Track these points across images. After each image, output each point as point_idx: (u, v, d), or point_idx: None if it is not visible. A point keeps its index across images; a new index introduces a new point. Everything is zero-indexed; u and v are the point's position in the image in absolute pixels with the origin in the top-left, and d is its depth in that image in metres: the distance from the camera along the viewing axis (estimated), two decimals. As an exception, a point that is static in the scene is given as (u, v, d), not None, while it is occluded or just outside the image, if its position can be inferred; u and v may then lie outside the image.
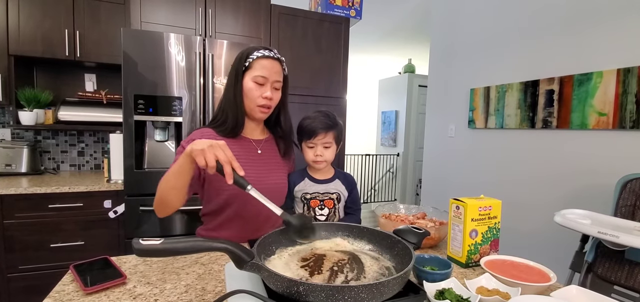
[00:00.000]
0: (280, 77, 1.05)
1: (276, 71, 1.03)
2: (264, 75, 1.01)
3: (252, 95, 1.02)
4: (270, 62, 1.02)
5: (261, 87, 1.02)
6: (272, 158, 1.15)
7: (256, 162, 1.10)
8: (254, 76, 1.01)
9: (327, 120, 1.13)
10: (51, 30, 2.05)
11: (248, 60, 1.02)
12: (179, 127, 1.97)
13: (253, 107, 1.05)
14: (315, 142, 1.13)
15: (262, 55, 1.02)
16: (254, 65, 1.02)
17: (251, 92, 1.02)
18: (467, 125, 2.85)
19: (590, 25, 2.01)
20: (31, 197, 1.82)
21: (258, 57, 1.02)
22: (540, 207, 2.29)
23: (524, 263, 0.85)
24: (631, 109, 1.81)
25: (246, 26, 2.24)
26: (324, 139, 1.13)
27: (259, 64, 1.01)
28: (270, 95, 1.03)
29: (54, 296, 0.69)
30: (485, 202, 0.93)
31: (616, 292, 1.43)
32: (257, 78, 1.01)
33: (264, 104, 1.03)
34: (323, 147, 1.14)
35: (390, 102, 5.73)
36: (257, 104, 1.03)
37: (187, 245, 0.66)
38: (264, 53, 1.02)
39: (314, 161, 1.15)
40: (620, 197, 1.58)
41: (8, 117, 2.31)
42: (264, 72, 1.01)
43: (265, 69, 1.01)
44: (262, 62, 1.01)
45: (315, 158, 1.15)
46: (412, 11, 3.85)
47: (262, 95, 1.02)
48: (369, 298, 0.57)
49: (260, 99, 1.03)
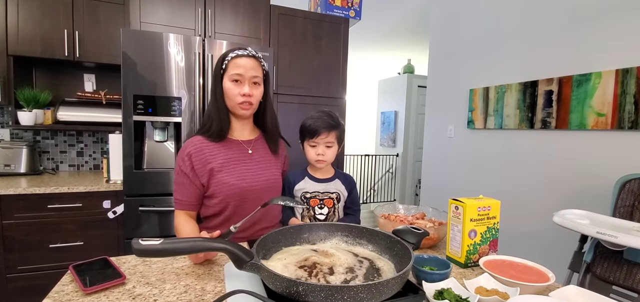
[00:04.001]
0: (258, 72, 1.08)
1: (252, 67, 1.07)
2: (240, 73, 1.05)
3: (231, 94, 1.06)
4: (244, 60, 1.06)
5: (238, 84, 1.06)
6: (264, 156, 1.18)
7: (248, 162, 1.13)
8: (230, 75, 1.06)
9: (330, 120, 1.16)
10: (50, 30, 2.05)
11: (224, 62, 1.07)
12: (179, 128, 1.97)
13: (234, 106, 1.08)
14: (317, 141, 1.16)
15: (236, 55, 1.06)
16: (229, 65, 1.06)
17: (230, 91, 1.06)
18: (466, 126, 2.86)
19: (589, 26, 2.01)
20: (30, 198, 1.82)
21: (232, 57, 1.06)
22: (539, 208, 2.29)
23: (523, 263, 0.85)
24: (630, 109, 1.81)
25: (245, 27, 2.25)
26: (326, 138, 1.15)
27: (233, 63, 1.06)
28: (249, 91, 1.06)
29: (53, 297, 0.69)
30: (484, 202, 0.94)
31: (615, 292, 1.44)
32: (233, 76, 1.06)
33: (243, 101, 1.07)
34: (325, 146, 1.16)
35: (389, 103, 5.74)
36: (237, 102, 1.07)
37: (186, 245, 0.67)
38: (237, 52, 1.07)
39: (316, 160, 1.17)
40: (618, 197, 1.59)
41: (7, 118, 2.30)
42: (239, 69, 1.05)
43: (240, 67, 1.05)
44: (236, 61, 1.06)
45: (317, 157, 1.17)
46: (411, 12, 3.86)
47: (240, 92, 1.06)
48: (368, 298, 0.58)
49: (238, 97, 1.06)
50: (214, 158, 1.08)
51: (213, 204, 1.10)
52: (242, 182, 1.09)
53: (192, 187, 1.08)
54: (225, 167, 1.09)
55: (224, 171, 1.08)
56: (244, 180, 1.10)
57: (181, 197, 1.08)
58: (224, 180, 1.08)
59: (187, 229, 1.05)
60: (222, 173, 1.08)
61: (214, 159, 1.08)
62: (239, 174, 1.10)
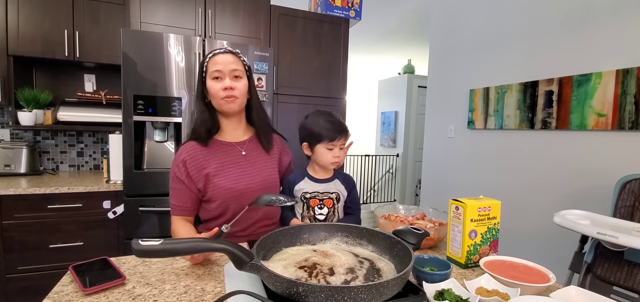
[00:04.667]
0: (238, 66, 1.10)
1: (230, 61, 1.08)
2: (219, 69, 1.07)
3: (214, 90, 1.08)
4: (221, 56, 1.08)
5: (219, 80, 1.08)
6: (258, 156, 1.18)
7: (242, 164, 1.14)
8: (211, 73, 1.08)
9: (342, 124, 1.20)
10: (51, 30, 2.05)
11: (204, 64, 1.09)
12: (179, 128, 1.97)
13: (219, 103, 1.09)
14: (335, 144, 1.18)
15: (213, 54, 1.09)
16: (209, 65, 1.08)
17: (212, 88, 1.08)
18: (466, 126, 2.86)
19: (590, 26, 2.01)
20: (30, 198, 1.82)
21: (211, 57, 1.09)
22: (540, 208, 2.29)
23: (523, 264, 0.85)
24: (630, 109, 1.81)
25: (246, 27, 2.25)
26: (341, 141, 1.19)
27: (212, 62, 1.08)
28: (230, 84, 1.07)
29: (53, 297, 0.69)
30: (485, 202, 0.94)
31: (615, 293, 1.43)
32: (213, 74, 1.07)
33: (225, 95, 1.07)
34: (339, 148, 1.19)
35: (389, 103, 5.74)
36: (220, 98, 1.08)
37: (186, 246, 0.66)
38: (215, 52, 1.09)
39: (333, 162, 1.19)
40: (619, 197, 1.59)
41: (7, 118, 2.30)
42: (218, 66, 1.07)
43: (218, 63, 1.07)
44: (215, 59, 1.08)
45: (334, 159, 1.19)
46: (411, 12, 3.86)
47: (222, 87, 1.07)
48: (368, 299, 0.57)
49: (221, 92, 1.07)
50: (209, 163, 1.09)
51: (212, 208, 1.11)
52: (238, 185, 1.10)
53: (188, 192, 1.09)
54: (220, 172, 1.09)
55: (220, 175, 1.09)
56: (239, 182, 1.11)
57: (177, 202, 1.09)
58: (220, 184, 1.08)
59: (184, 234, 1.06)
60: (218, 177, 1.09)
61: (209, 164, 1.09)
62: (234, 177, 1.11)
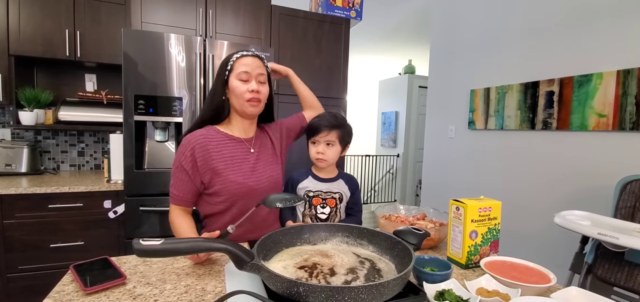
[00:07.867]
0: (263, 71, 1.11)
1: (257, 66, 1.09)
2: (247, 71, 1.07)
3: (239, 91, 1.08)
4: (250, 59, 1.09)
5: (246, 82, 1.08)
6: (265, 153, 1.20)
7: (251, 161, 1.15)
8: (238, 74, 1.08)
9: (332, 119, 1.18)
10: (52, 30, 2.05)
11: (229, 63, 1.09)
12: (179, 128, 1.97)
13: (243, 103, 1.09)
14: (318, 139, 1.17)
15: (241, 55, 1.09)
16: (236, 65, 1.08)
17: (238, 89, 1.08)
18: (467, 126, 2.85)
19: (590, 27, 2.01)
20: (31, 197, 1.82)
21: (238, 57, 1.09)
22: (540, 209, 2.29)
23: (524, 264, 0.85)
24: (631, 110, 1.81)
25: (247, 27, 2.25)
26: (326, 136, 1.16)
27: (239, 62, 1.08)
28: (257, 87, 1.08)
29: (53, 296, 0.69)
30: (485, 203, 0.94)
31: (616, 294, 1.43)
32: (240, 75, 1.07)
33: (251, 97, 1.08)
34: (325, 144, 1.17)
35: (390, 103, 5.73)
36: (245, 99, 1.08)
37: (187, 245, 0.66)
38: (242, 53, 1.10)
39: (316, 159, 1.19)
40: (620, 198, 1.58)
41: (8, 117, 2.31)
42: (246, 68, 1.07)
43: (246, 65, 1.08)
44: (243, 60, 1.08)
45: (317, 155, 1.18)
46: (412, 12, 3.85)
47: (249, 89, 1.07)
48: (369, 299, 0.57)
49: (247, 94, 1.07)
50: (219, 155, 1.08)
51: (218, 202, 1.09)
52: (248, 181, 1.10)
53: (190, 183, 1.07)
54: (230, 165, 1.09)
55: (230, 169, 1.08)
56: (250, 178, 1.10)
57: (177, 192, 1.07)
58: (230, 178, 1.07)
59: (184, 225, 1.05)
60: (228, 171, 1.08)
61: (219, 156, 1.08)
62: (244, 172, 1.10)
